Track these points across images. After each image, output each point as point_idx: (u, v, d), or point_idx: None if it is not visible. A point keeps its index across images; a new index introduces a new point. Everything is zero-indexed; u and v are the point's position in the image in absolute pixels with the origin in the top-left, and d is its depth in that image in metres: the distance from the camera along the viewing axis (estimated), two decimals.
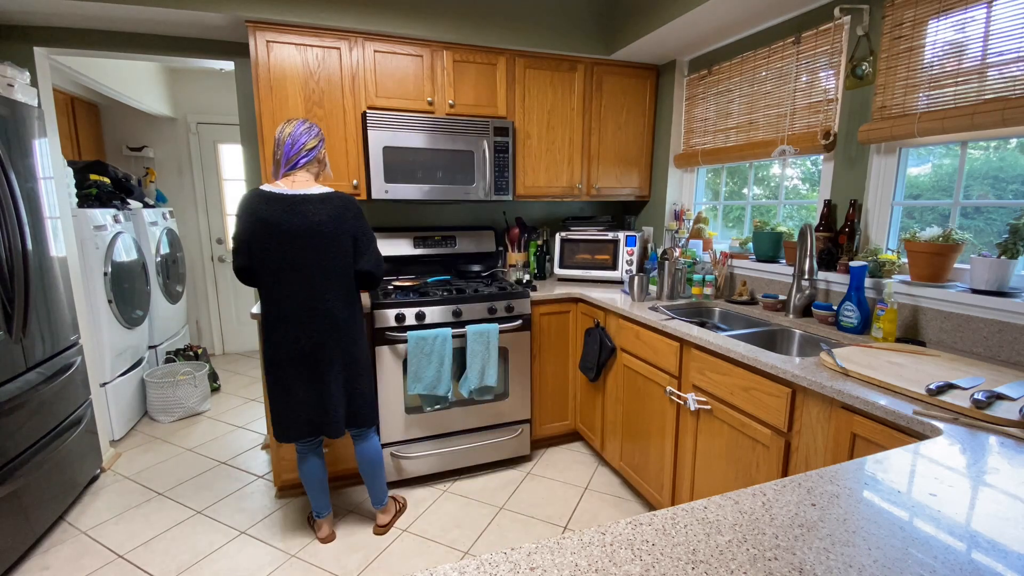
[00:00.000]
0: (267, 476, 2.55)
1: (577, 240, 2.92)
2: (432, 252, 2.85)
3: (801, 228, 1.94)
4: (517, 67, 2.66)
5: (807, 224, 1.92)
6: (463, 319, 2.38)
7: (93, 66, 2.97)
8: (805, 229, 1.93)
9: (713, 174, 2.85)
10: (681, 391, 1.92)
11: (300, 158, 1.79)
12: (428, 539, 2.07)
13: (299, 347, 1.78)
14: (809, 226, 1.92)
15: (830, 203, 2.02)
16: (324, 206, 1.76)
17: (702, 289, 2.41)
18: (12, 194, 1.89)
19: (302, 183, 1.79)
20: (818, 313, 1.89)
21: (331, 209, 1.77)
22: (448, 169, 2.51)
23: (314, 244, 1.75)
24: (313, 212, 1.74)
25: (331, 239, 1.77)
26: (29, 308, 1.96)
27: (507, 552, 0.64)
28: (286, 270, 1.74)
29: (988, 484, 0.81)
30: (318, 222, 1.74)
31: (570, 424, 2.80)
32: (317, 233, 1.74)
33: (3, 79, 2.04)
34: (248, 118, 2.58)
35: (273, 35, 2.24)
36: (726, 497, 0.77)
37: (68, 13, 2.13)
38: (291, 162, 1.79)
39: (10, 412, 1.85)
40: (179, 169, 4.26)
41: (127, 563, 1.93)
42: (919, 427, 1.08)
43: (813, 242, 1.94)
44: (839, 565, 0.62)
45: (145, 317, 3.32)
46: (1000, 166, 1.60)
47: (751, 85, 2.37)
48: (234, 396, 3.62)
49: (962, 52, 1.56)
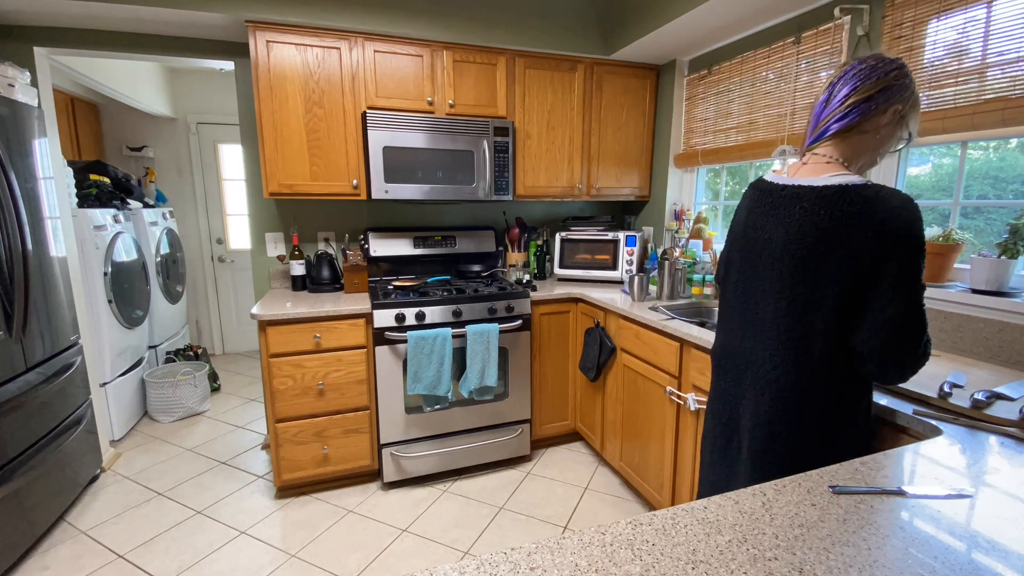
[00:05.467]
0: (267, 476, 2.55)
1: (577, 240, 2.92)
2: (432, 252, 2.85)
3: None
4: (517, 67, 2.65)
5: None
6: (463, 319, 2.38)
7: (93, 66, 2.97)
8: None
9: (713, 174, 2.85)
10: (681, 391, 1.92)
11: (832, 121, 1.08)
12: (428, 539, 2.07)
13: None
14: None
15: None
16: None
17: (702, 289, 2.41)
18: (12, 194, 1.88)
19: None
20: None
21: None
22: (448, 169, 2.50)
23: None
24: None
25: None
26: (29, 308, 1.96)
27: (507, 552, 0.64)
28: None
29: (988, 484, 0.81)
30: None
31: (570, 424, 2.80)
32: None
33: (3, 79, 2.04)
34: (248, 118, 2.58)
35: (273, 35, 2.24)
36: (726, 497, 0.77)
37: (68, 13, 2.13)
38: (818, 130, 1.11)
39: (10, 412, 1.85)
40: (179, 169, 4.26)
41: (127, 563, 1.93)
42: (919, 427, 1.08)
43: None
44: (839, 565, 0.62)
45: (145, 317, 3.32)
46: (1000, 166, 1.60)
47: (751, 85, 2.37)
48: (234, 396, 3.62)
49: (962, 52, 1.56)
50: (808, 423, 1.04)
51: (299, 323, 2.18)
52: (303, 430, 2.26)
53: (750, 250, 1.15)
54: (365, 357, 2.30)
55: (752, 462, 1.11)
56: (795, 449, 1.05)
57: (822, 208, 0.99)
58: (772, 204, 1.10)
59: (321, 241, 2.80)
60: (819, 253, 0.99)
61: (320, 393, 2.25)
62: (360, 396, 2.32)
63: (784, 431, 1.06)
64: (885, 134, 1.05)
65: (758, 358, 1.11)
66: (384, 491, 2.41)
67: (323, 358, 2.23)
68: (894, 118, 1.03)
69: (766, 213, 1.11)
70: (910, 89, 1.03)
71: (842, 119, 1.05)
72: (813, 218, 1.00)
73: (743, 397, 1.15)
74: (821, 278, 0.99)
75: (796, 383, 1.04)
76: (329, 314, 2.21)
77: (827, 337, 1.01)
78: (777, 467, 1.07)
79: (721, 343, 1.25)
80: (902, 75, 1.02)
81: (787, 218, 1.05)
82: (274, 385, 2.18)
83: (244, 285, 4.57)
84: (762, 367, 1.09)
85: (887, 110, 1.02)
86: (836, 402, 1.03)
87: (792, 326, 1.04)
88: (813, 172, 1.06)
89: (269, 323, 2.14)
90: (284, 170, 2.35)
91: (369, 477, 2.49)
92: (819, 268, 0.99)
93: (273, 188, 2.34)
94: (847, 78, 1.05)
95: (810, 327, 1.02)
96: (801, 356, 1.03)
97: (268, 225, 2.71)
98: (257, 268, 2.72)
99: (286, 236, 2.75)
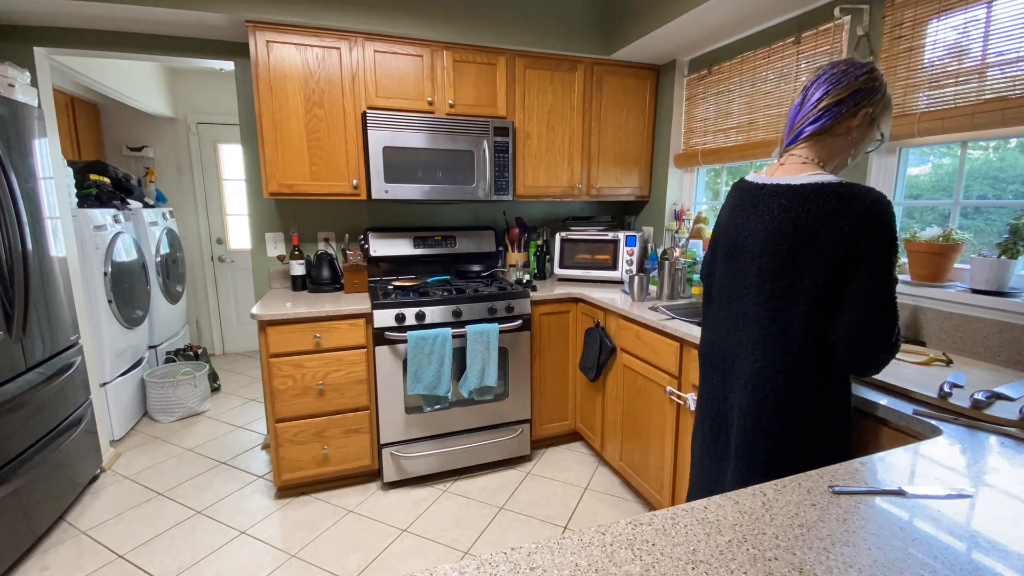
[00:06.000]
0: (267, 476, 2.55)
1: (577, 240, 2.92)
2: (432, 252, 2.85)
3: None
4: (517, 67, 2.65)
5: None
6: (463, 319, 2.38)
7: (93, 66, 2.97)
8: None
9: (713, 174, 2.85)
10: (681, 391, 1.92)
11: (806, 124, 1.11)
12: (428, 539, 2.07)
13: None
14: None
15: None
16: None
17: (702, 289, 2.41)
18: (12, 194, 1.88)
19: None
20: None
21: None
22: (448, 169, 2.50)
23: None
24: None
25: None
26: (29, 308, 1.96)
27: (507, 552, 0.64)
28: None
29: (988, 484, 0.81)
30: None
31: (570, 424, 2.80)
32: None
33: (3, 79, 2.04)
34: (248, 118, 2.58)
35: (273, 35, 2.24)
36: (726, 497, 0.77)
37: (68, 13, 2.13)
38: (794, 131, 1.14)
39: (10, 412, 1.85)
40: (179, 169, 4.26)
41: (127, 563, 1.93)
42: (919, 427, 1.08)
43: None
44: (839, 565, 0.62)
45: (145, 317, 3.32)
46: (1000, 166, 1.60)
47: (751, 85, 2.37)
48: (234, 396, 3.62)
49: (962, 52, 1.56)
50: (788, 415, 1.06)
51: (299, 323, 2.18)
52: (303, 430, 2.26)
53: (732, 247, 1.17)
54: (365, 357, 2.30)
55: (736, 455, 1.13)
56: (776, 441, 1.07)
57: (799, 205, 1.02)
58: (752, 203, 1.13)
59: (321, 241, 2.80)
60: (797, 248, 1.02)
61: (320, 393, 2.25)
62: (360, 396, 2.32)
63: (765, 423, 1.07)
64: (857, 136, 1.09)
65: (742, 353, 1.13)
66: (384, 491, 2.41)
67: (323, 358, 2.23)
68: (865, 120, 1.07)
69: (747, 211, 1.14)
70: (880, 92, 1.07)
71: (815, 122, 1.08)
72: (791, 214, 1.03)
73: (730, 391, 1.17)
74: (800, 272, 1.02)
75: (776, 375, 1.06)
76: (329, 314, 2.21)
77: (806, 330, 1.03)
78: (759, 459, 1.09)
79: (708, 340, 1.27)
80: (872, 79, 1.06)
81: (767, 215, 1.08)
82: (274, 385, 2.18)
83: (244, 285, 4.56)
84: (746, 361, 1.12)
85: (858, 112, 1.06)
86: (816, 394, 1.05)
87: (773, 320, 1.06)
88: (790, 172, 1.10)
89: (269, 323, 2.14)
90: (284, 170, 2.35)
91: (369, 477, 2.49)
92: (797, 263, 1.02)
93: (273, 188, 2.34)
94: (820, 82, 1.09)
95: (789, 320, 1.04)
96: (781, 349, 1.05)
97: (268, 225, 2.71)
98: (257, 268, 2.72)
99: (286, 236, 2.75)
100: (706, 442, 1.26)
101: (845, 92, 1.05)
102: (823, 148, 1.10)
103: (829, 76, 1.08)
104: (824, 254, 0.99)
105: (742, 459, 1.12)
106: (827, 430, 1.07)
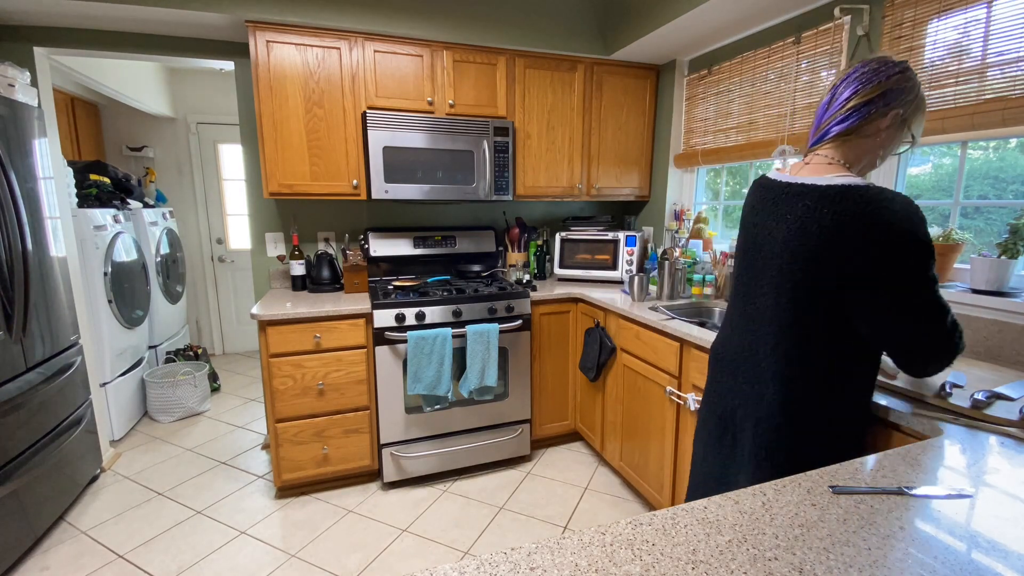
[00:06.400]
0: (267, 476, 2.55)
1: (577, 240, 2.92)
2: (432, 252, 2.85)
3: None
4: (517, 67, 2.65)
5: None
6: (463, 319, 2.38)
7: (93, 66, 2.97)
8: None
9: (713, 174, 2.85)
10: (681, 391, 1.92)
11: (833, 124, 1.08)
12: (428, 539, 2.07)
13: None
14: None
15: None
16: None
17: (702, 289, 2.41)
18: (12, 194, 1.88)
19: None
20: None
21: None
22: (448, 169, 2.50)
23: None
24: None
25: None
26: (29, 308, 1.96)
27: (507, 552, 0.64)
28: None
29: (988, 484, 0.81)
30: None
31: (570, 424, 2.80)
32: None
33: (3, 79, 2.04)
34: (248, 118, 2.58)
35: (273, 35, 2.24)
36: (726, 497, 0.77)
37: (68, 13, 2.13)
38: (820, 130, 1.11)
39: (10, 412, 1.85)
40: (179, 169, 4.26)
41: (127, 563, 1.93)
42: (919, 427, 1.08)
43: None
44: (839, 565, 0.62)
45: (145, 317, 3.32)
46: (1000, 166, 1.60)
47: (751, 85, 2.37)
48: (234, 396, 3.62)
49: (962, 52, 1.56)
50: (807, 419, 1.04)
51: (299, 323, 2.18)
52: (303, 430, 2.26)
53: (751, 246, 1.15)
54: (365, 357, 2.30)
55: (754, 459, 1.11)
56: (796, 445, 1.06)
57: (825, 206, 0.98)
58: (774, 201, 1.10)
59: (321, 241, 2.80)
60: (821, 251, 0.98)
61: (320, 393, 2.25)
62: (360, 396, 2.32)
63: (785, 426, 1.06)
64: (886, 137, 1.05)
65: (757, 353, 1.11)
66: (384, 491, 2.41)
67: (323, 358, 2.23)
68: (895, 121, 1.03)
69: (767, 209, 1.11)
70: (913, 92, 1.02)
71: (842, 122, 1.05)
72: (816, 215, 0.99)
73: (739, 391, 1.16)
74: (821, 275, 0.99)
75: (795, 379, 1.04)
76: (329, 314, 2.21)
77: (826, 334, 1.01)
78: (780, 464, 1.07)
79: (722, 337, 1.26)
80: (904, 79, 1.01)
81: (789, 215, 1.05)
82: (274, 385, 2.18)
83: (244, 285, 4.56)
84: (761, 362, 1.10)
85: (887, 113, 1.02)
86: (836, 398, 1.04)
87: (792, 322, 1.04)
88: (816, 172, 1.06)
89: (269, 323, 2.14)
90: (284, 170, 2.35)
91: (369, 477, 2.49)
92: (820, 265, 0.99)
93: (273, 188, 2.34)
94: (849, 81, 1.05)
95: (809, 323, 1.02)
96: (800, 352, 1.04)
97: (268, 225, 2.71)
98: (257, 268, 2.72)
99: (286, 236, 2.75)
100: (711, 440, 1.25)
101: (875, 92, 1.01)
102: (850, 149, 1.06)
103: (859, 75, 1.04)
104: (849, 259, 0.95)
105: (761, 466, 1.10)
106: (848, 435, 1.06)
